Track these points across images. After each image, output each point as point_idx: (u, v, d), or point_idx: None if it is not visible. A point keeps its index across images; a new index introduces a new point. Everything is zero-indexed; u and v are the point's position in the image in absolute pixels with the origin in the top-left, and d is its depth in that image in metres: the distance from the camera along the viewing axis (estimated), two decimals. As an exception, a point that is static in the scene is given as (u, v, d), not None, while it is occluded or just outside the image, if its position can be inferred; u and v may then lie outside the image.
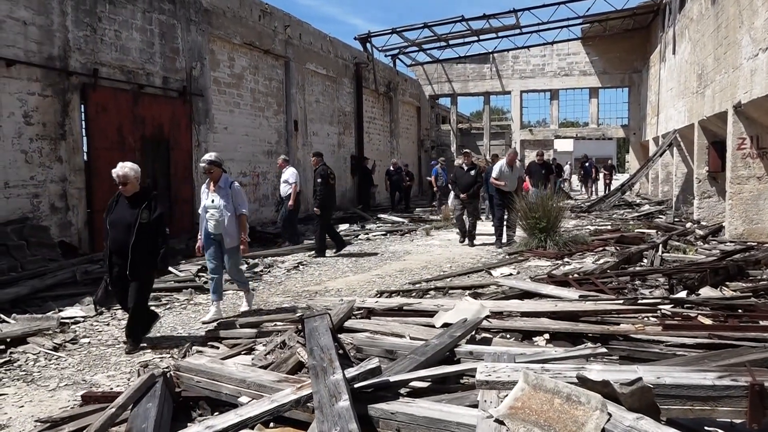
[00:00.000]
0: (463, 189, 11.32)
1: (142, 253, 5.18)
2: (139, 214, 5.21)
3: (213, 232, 6.33)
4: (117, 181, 5.35)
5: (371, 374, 3.17)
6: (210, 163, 6.34)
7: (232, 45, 14.65)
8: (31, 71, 9.26)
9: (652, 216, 15.46)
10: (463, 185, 11.37)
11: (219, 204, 6.27)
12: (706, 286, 6.32)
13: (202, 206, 6.43)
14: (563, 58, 28.56)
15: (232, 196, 6.32)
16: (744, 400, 2.58)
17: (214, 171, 6.36)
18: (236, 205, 6.33)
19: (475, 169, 11.41)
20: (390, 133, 25.87)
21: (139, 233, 5.16)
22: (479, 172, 11.45)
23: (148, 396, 3.35)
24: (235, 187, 6.40)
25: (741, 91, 9.90)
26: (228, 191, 6.32)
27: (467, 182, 11.33)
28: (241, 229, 6.35)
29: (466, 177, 11.38)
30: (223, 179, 6.39)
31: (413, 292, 7.14)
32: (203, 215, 6.40)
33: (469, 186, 11.30)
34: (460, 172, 11.58)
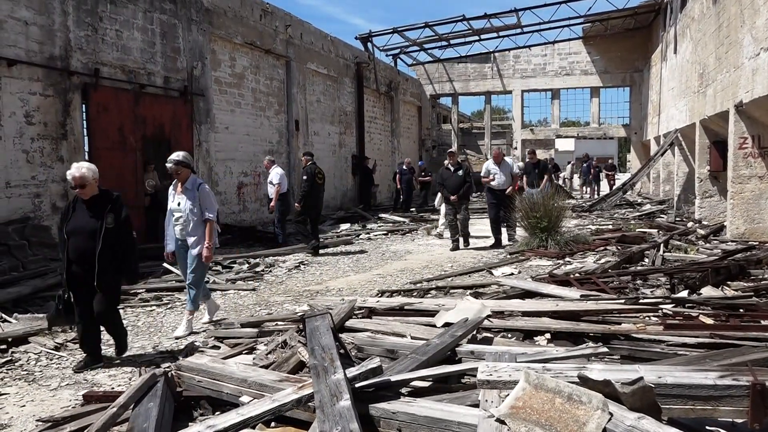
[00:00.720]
0: (452, 191, 10.80)
1: (110, 261, 4.74)
2: (103, 219, 4.74)
3: (179, 237, 5.90)
4: (73, 184, 4.84)
5: (372, 374, 3.17)
6: (177, 164, 5.85)
7: (233, 45, 14.66)
8: (32, 71, 9.27)
9: (654, 215, 15.45)
10: (451, 187, 10.85)
11: (185, 207, 5.82)
12: (708, 286, 6.31)
13: (169, 209, 5.98)
14: (564, 58, 28.54)
15: (199, 199, 5.85)
16: (745, 399, 2.58)
17: (182, 172, 5.88)
18: (204, 209, 5.86)
19: (462, 169, 10.87)
20: (391, 132, 25.87)
21: (105, 240, 4.70)
22: (467, 172, 10.89)
23: (149, 396, 3.36)
24: (203, 189, 5.92)
25: (742, 90, 9.89)
26: (195, 193, 5.85)
27: (456, 183, 10.82)
28: (207, 235, 5.84)
29: (454, 178, 10.87)
30: (191, 180, 5.92)
31: (414, 291, 7.14)
32: (169, 219, 5.97)
33: (458, 187, 10.77)
34: (446, 174, 11.01)
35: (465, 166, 10.98)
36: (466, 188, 10.83)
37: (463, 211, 10.93)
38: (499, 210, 11.10)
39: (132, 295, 7.37)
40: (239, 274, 8.82)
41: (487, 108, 30.84)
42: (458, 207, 10.87)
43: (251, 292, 7.73)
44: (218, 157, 13.96)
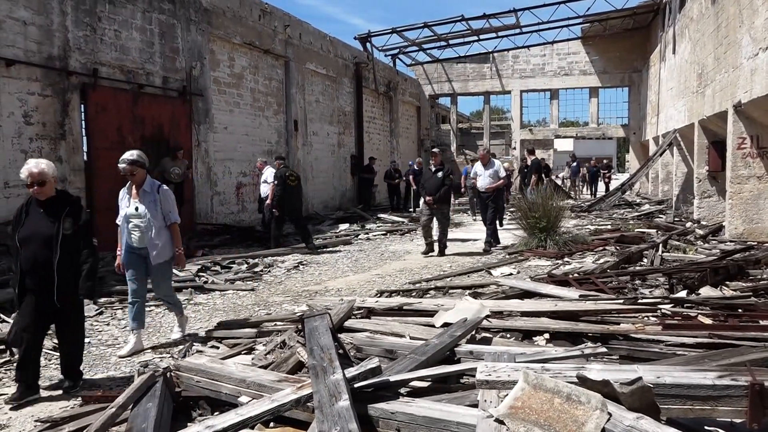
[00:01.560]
0: (430, 192, 10.08)
1: (70, 272, 4.21)
2: (60, 224, 4.18)
3: (137, 246, 5.29)
4: (29, 181, 4.35)
5: (371, 374, 3.17)
6: (132, 164, 5.24)
7: (232, 45, 14.65)
8: (30, 71, 9.26)
9: (652, 215, 15.46)
10: (429, 188, 10.14)
11: (144, 212, 5.24)
12: (706, 286, 6.32)
13: (122, 216, 5.35)
14: (563, 58, 28.56)
15: (160, 202, 5.31)
16: (744, 399, 2.58)
17: (138, 173, 5.29)
18: (166, 213, 5.34)
19: (442, 170, 10.18)
20: (390, 132, 25.87)
21: (63, 247, 4.15)
22: (448, 173, 10.19)
23: (148, 396, 3.36)
24: (163, 191, 5.38)
25: (741, 90, 9.90)
26: (155, 196, 5.30)
27: (434, 185, 10.10)
28: (176, 240, 5.42)
29: (433, 179, 10.17)
30: (149, 183, 5.36)
31: (413, 291, 7.14)
32: (123, 226, 5.35)
33: (437, 188, 10.04)
34: (427, 174, 10.58)
35: (447, 168, 10.32)
36: (445, 191, 10.10)
37: (441, 216, 10.21)
38: (487, 210, 11.02)
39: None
40: (238, 274, 8.82)
41: (486, 108, 30.85)
42: (435, 210, 10.16)
43: (250, 293, 7.72)
44: (217, 157, 13.95)
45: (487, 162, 11.10)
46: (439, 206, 10.12)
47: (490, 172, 11.02)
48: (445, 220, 10.31)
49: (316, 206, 18.57)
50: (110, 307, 6.89)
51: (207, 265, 9.05)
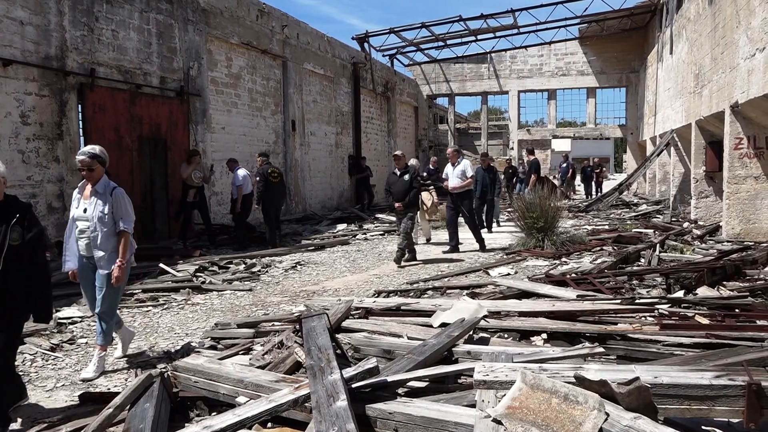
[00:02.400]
0: (397, 197, 9.45)
1: (13, 288, 3.58)
2: (6, 234, 3.57)
3: (84, 253, 4.75)
4: None
5: (369, 374, 3.17)
6: (92, 157, 4.63)
7: (230, 45, 14.64)
8: (28, 71, 9.24)
9: (650, 216, 15.49)
10: (396, 193, 9.49)
11: (93, 215, 4.65)
12: (704, 286, 6.33)
13: (71, 218, 4.79)
14: (561, 58, 28.60)
15: (113, 206, 4.69)
16: (741, 399, 2.59)
17: (96, 169, 4.67)
18: (118, 218, 4.70)
19: (408, 173, 9.51)
20: (388, 132, 25.88)
21: (7, 261, 3.53)
22: (415, 175, 9.59)
23: (145, 396, 3.35)
24: (117, 193, 4.74)
25: (738, 91, 9.92)
26: (108, 198, 4.69)
27: (401, 189, 9.46)
28: (121, 251, 4.71)
29: (400, 183, 9.49)
30: (103, 183, 4.72)
31: (411, 291, 7.14)
32: (71, 230, 4.79)
33: (404, 193, 9.41)
34: (392, 178, 9.73)
35: (413, 169, 9.70)
36: (413, 195, 9.49)
37: (407, 220, 9.56)
38: (456, 213, 10.64)
39: (128, 295, 7.36)
40: (235, 274, 8.81)
41: (484, 108, 30.88)
42: (402, 215, 9.56)
43: (248, 293, 7.72)
44: (215, 157, 13.93)
45: (456, 161, 10.70)
46: (408, 210, 9.54)
47: (458, 172, 10.58)
48: (410, 222, 9.60)
49: (314, 206, 18.57)
50: None
51: (204, 266, 9.05)
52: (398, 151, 10.12)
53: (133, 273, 8.56)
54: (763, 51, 8.59)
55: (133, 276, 8.43)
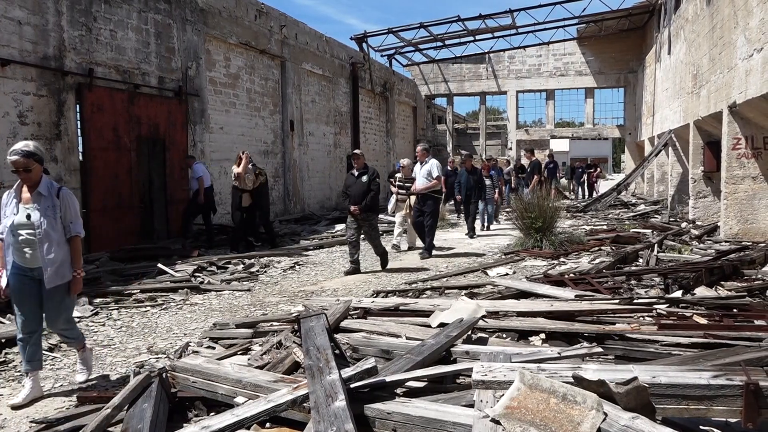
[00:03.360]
0: (354, 200, 8.69)
1: None
2: None
3: (29, 265, 4.12)
4: None
5: (367, 374, 3.17)
6: (27, 156, 4.02)
7: (228, 45, 14.63)
8: (26, 71, 9.23)
9: (648, 216, 15.51)
10: (353, 195, 8.72)
11: (40, 221, 4.06)
12: (702, 286, 6.34)
13: (6, 226, 4.11)
14: (559, 58, 28.63)
15: (61, 209, 4.13)
16: (739, 399, 2.59)
17: (33, 169, 4.09)
18: (67, 222, 4.16)
19: (367, 174, 8.76)
20: (386, 133, 25.88)
21: None
22: (373, 178, 8.76)
23: (143, 396, 3.35)
24: (65, 194, 4.20)
25: (736, 91, 9.94)
26: (54, 201, 4.12)
27: (358, 191, 8.68)
28: (75, 258, 4.21)
29: (357, 185, 8.73)
30: (46, 183, 4.17)
31: (409, 291, 7.14)
32: (8, 239, 4.12)
33: (362, 196, 8.64)
34: (350, 179, 8.94)
35: (372, 171, 8.85)
36: (371, 198, 8.66)
37: (368, 227, 8.86)
38: (419, 215, 10.19)
39: (126, 295, 7.35)
40: (234, 274, 8.81)
41: (482, 108, 30.89)
42: (360, 221, 8.78)
43: (246, 293, 7.71)
44: (213, 157, 13.93)
45: (423, 160, 10.18)
46: (367, 216, 8.73)
47: (425, 172, 10.03)
48: (374, 232, 8.92)
49: (313, 206, 18.57)
50: (106, 307, 6.87)
51: (203, 266, 9.04)
52: (357, 150, 9.28)
53: (132, 273, 8.60)
54: (761, 51, 8.60)
55: (131, 276, 8.46)
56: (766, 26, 8.45)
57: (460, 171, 12.87)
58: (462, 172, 12.73)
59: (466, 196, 12.53)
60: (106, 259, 9.25)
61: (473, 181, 12.52)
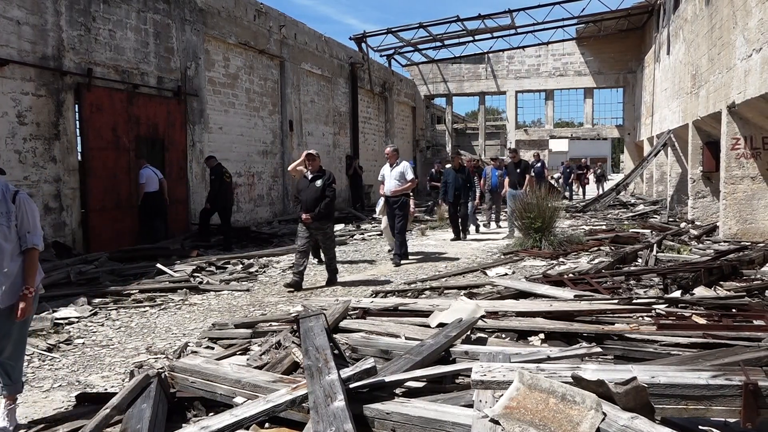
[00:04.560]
0: (307, 206, 7.72)
1: None
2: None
3: None
4: None
5: (366, 374, 3.17)
6: None
7: (227, 45, 14.63)
8: (24, 71, 9.22)
9: (647, 216, 15.52)
10: (306, 201, 7.76)
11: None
12: (701, 286, 6.35)
13: None
14: (558, 59, 28.65)
15: (17, 217, 3.54)
16: (738, 399, 2.59)
17: None
18: (24, 232, 3.56)
19: (322, 177, 7.81)
20: (385, 133, 25.88)
21: None
22: (328, 182, 7.82)
23: (142, 397, 3.34)
24: (22, 199, 3.58)
25: (735, 91, 9.94)
26: (9, 207, 3.52)
27: (310, 197, 7.72)
28: (28, 275, 3.55)
29: (310, 190, 7.77)
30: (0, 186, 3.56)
31: (409, 292, 7.14)
32: None
33: (315, 202, 7.68)
34: (303, 183, 7.94)
35: (327, 175, 7.92)
36: (325, 204, 7.70)
37: (323, 237, 7.95)
38: (392, 220, 9.77)
39: (125, 296, 7.35)
40: (233, 274, 8.80)
41: (481, 109, 30.91)
42: (313, 230, 7.82)
43: (245, 293, 7.71)
44: (212, 157, 13.92)
45: (395, 162, 9.72)
46: (320, 224, 7.81)
47: (396, 174, 9.58)
48: (329, 242, 8.04)
49: (312, 206, 18.53)
50: (104, 307, 6.87)
51: (202, 266, 9.03)
52: (312, 151, 8.11)
53: (131, 273, 8.60)
54: (760, 51, 8.61)
55: (130, 276, 8.46)
56: (764, 26, 8.45)
57: (446, 170, 12.01)
58: (449, 172, 11.97)
59: (455, 197, 11.81)
60: (105, 259, 9.24)
61: (461, 181, 11.83)
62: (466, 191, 11.95)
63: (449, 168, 12.07)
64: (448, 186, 11.92)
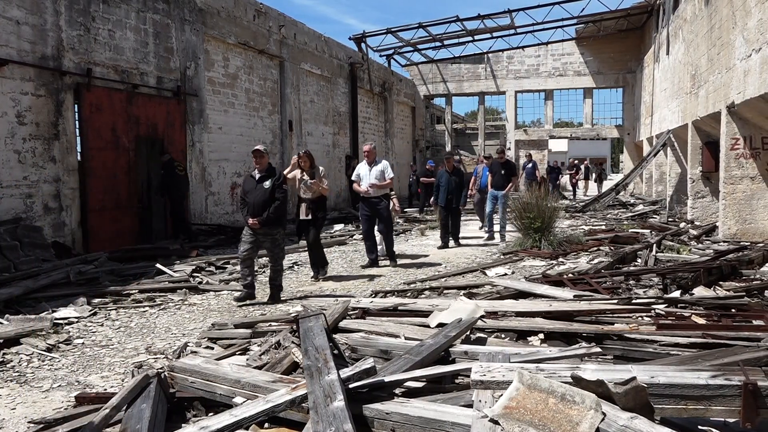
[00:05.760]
0: (254, 210, 6.92)
1: None
2: None
3: None
4: None
5: (366, 374, 3.17)
6: None
7: (227, 45, 14.63)
8: (24, 71, 9.22)
9: (646, 216, 15.52)
10: (253, 205, 6.95)
11: None
12: (700, 286, 6.34)
13: None
14: (558, 59, 28.66)
15: None
16: (737, 399, 2.59)
17: None
18: None
19: (271, 178, 7.08)
20: (385, 133, 25.89)
21: None
22: (278, 183, 7.07)
23: (142, 397, 3.34)
24: None
25: (734, 91, 9.95)
26: None
27: (258, 200, 6.94)
28: None
29: (258, 192, 6.98)
30: None
31: (408, 292, 7.13)
32: None
33: (263, 205, 6.91)
34: (249, 183, 7.18)
35: (278, 175, 7.24)
36: (275, 208, 6.93)
37: (270, 244, 7.09)
38: (372, 223, 9.27)
39: (125, 296, 7.34)
40: (232, 274, 8.80)
41: (481, 109, 30.92)
42: (260, 236, 7.00)
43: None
44: (211, 157, 13.93)
45: (374, 160, 9.17)
46: (269, 230, 6.99)
47: (376, 173, 9.04)
48: (277, 250, 7.17)
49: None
50: (104, 307, 6.87)
51: (201, 266, 9.03)
52: (260, 146, 7.25)
53: (130, 273, 8.59)
54: (759, 52, 8.61)
55: (129, 276, 8.46)
56: (764, 27, 8.45)
57: (439, 172, 11.29)
58: (442, 173, 11.27)
59: (447, 200, 11.11)
60: (105, 260, 9.23)
61: (454, 184, 11.12)
62: (458, 195, 11.24)
63: (442, 170, 11.42)
64: (440, 189, 11.29)
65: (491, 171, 12.39)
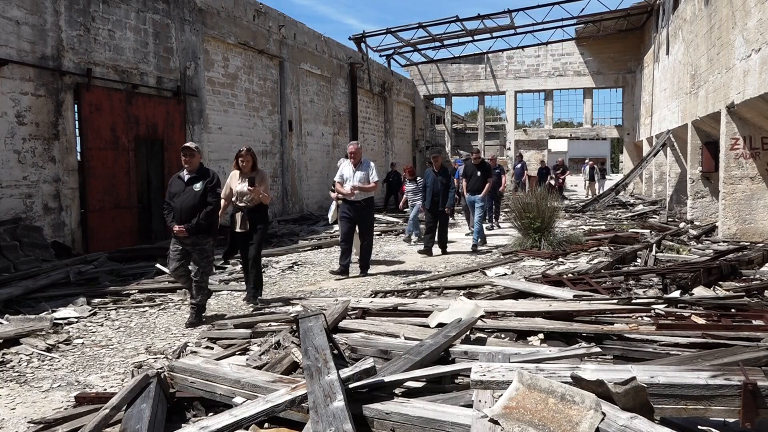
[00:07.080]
0: (181, 216, 6.05)
1: None
2: None
3: None
4: None
5: (366, 374, 3.17)
6: None
7: (227, 45, 14.62)
8: (24, 71, 9.21)
9: (646, 216, 15.53)
10: (180, 210, 6.09)
11: None
12: (700, 286, 6.35)
13: None
14: (557, 59, 28.66)
15: None
16: (737, 399, 2.59)
17: None
18: None
19: (203, 180, 6.21)
20: (385, 133, 25.89)
21: None
22: (211, 185, 6.22)
23: (142, 397, 3.34)
24: None
25: (734, 91, 9.95)
26: None
27: (186, 204, 6.08)
28: None
29: (187, 195, 6.12)
30: None
31: (408, 292, 7.14)
32: None
33: (191, 211, 6.04)
34: (177, 185, 6.29)
35: (211, 175, 6.35)
36: (206, 214, 6.08)
37: (198, 255, 6.13)
38: (353, 227, 8.56)
39: (125, 296, 7.34)
40: (232, 274, 8.80)
41: (481, 109, 30.91)
42: (188, 246, 6.10)
43: (244, 293, 7.69)
44: (211, 157, 13.92)
45: (359, 161, 8.55)
46: (197, 239, 6.09)
47: (361, 176, 8.40)
48: (204, 262, 6.19)
49: (311, 206, 18.56)
50: (104, 307, 6.86)
51: (201, 266, 9.01)
52: (190, 143, 6.61)
53: (130, 273, 8.59)
54: (759, 52, 8.61)
55: (129, 276, 8.46)
56: (764, 27, 8.46)
57: (426, 172, 10.60)
58: (428, 173, 10.40)
59: (433, 202, 10.22)
60: (105, 260, 9.23)
61: (441, 185, 10.19)
62: (445, 197, 10.21)
63: (429, 170, 10.56)
64: (426, 189, 10.43)
65: (466, 174, 11.61)
